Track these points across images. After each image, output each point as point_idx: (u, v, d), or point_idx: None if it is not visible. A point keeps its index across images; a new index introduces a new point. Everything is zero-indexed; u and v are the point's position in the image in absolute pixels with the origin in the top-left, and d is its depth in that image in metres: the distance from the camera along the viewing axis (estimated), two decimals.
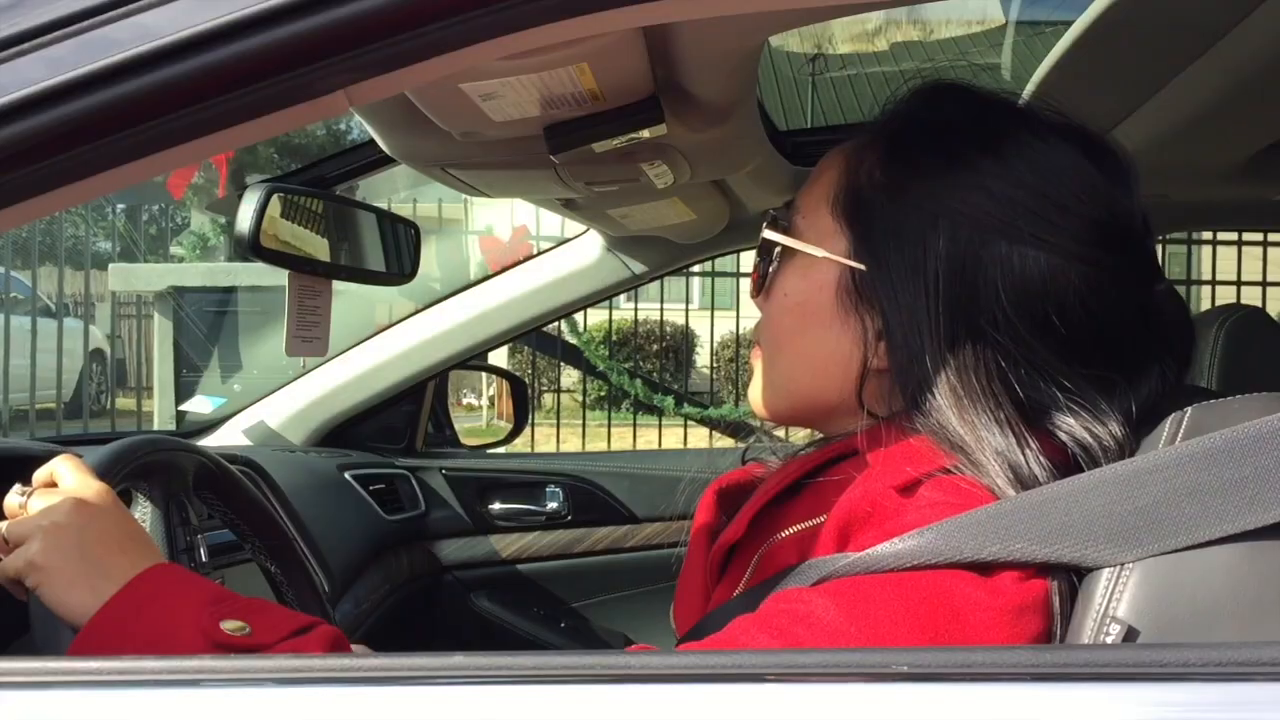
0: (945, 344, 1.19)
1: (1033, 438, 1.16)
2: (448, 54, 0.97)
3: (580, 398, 9.41)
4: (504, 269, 3.02)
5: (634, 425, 8.97)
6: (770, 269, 1.35)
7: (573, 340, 8.55)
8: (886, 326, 1.23)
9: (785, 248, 1.33)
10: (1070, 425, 1.18)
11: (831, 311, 1.27)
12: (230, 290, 7.61)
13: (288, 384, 3.03)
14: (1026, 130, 1.24)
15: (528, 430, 6.27)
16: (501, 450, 3.83)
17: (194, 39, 0.92)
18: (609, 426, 9.10)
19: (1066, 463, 1.17)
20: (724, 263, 8.49)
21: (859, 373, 1.26)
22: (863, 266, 1.25)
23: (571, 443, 9.12)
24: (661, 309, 9.30)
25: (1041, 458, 1.15)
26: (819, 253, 1.29)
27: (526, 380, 9.61)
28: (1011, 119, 1.27)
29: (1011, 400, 1.17)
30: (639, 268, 2.89)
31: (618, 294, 3.11)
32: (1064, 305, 1.19)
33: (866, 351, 1.25)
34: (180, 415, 6.94)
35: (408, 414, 3.20)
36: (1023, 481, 1.13)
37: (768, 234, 1.35)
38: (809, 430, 1.42)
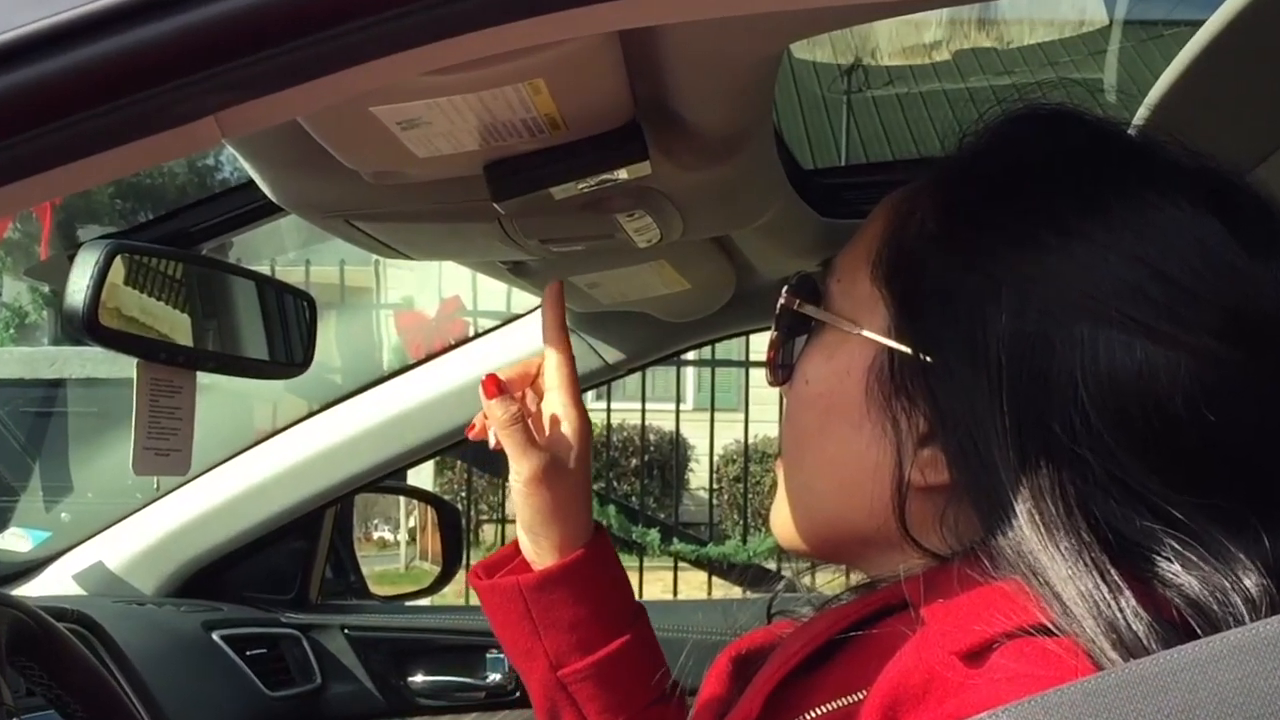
0: (1016, 455, 1.17)
1: (1129, 589, 1.13)
2: (355, 67, 0.97)
3: None
4: (429, 356, 3.03)
5: None
6: (795, 350, 1.36)
7: None
8: (941, 426, 1.22)
9: (816, 322, 1.33)
10: (1177, 575, 1.15)
11: (860, 406, 1.27)
12: (56, 384, 7.59)
13: (135, 512, 3.02)
14: (1135, 176, 1.23)
15: (461, 574, 6.22)
16: (426, 602, 3.82)
17: (9, 47, 0.92)
18: None
19: (1179, 622, 1.14)
20: (727, 348, 8.52)
21: (894, 489, 1.25)
22: (905, 347, 1.25)
23: None
24: (643, 410, 9.30)
25: (1143, 613, 1.12)
26: (848, 327, 1.29)
27: (459, 506, 9.60)
28: (1118, 159, 1.26)
29: (1099, 537, 1.15)
30: (613, 355, 2.90)
31: (584, 390, 3.11)
32: (1169, 413, 1.16)
33: (902, 460, 1.25)
34: None
35: (298, 553, 3.19)
36: (1126, 646, 1.11)
37: (786, 300, 1.35)
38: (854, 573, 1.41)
